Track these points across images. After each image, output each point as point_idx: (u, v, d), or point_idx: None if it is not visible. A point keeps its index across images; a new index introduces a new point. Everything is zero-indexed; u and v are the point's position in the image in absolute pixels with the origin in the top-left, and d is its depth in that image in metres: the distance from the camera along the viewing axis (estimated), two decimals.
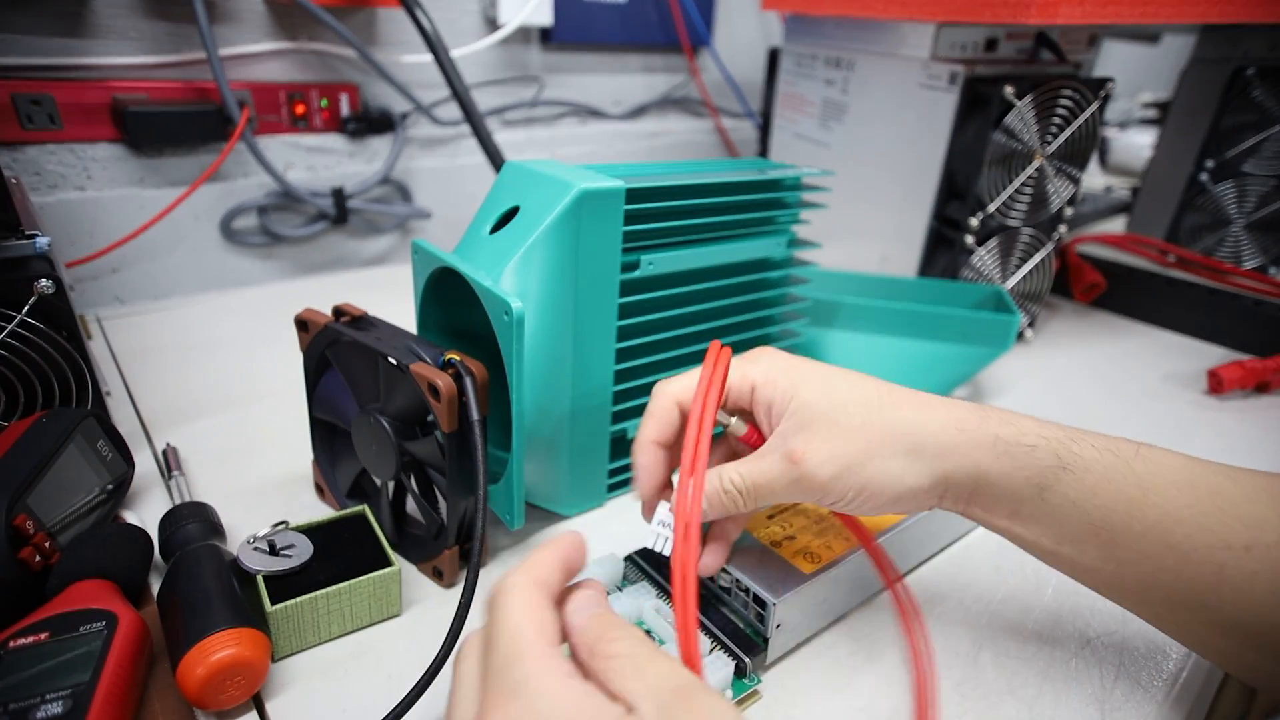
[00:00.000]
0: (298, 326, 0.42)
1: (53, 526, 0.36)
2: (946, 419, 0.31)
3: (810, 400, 0.32)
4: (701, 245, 0.45)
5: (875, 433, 0.31)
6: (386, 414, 0.39)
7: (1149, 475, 0.30)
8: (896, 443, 0.31)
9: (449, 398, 0.35)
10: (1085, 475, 0.30)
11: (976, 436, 0.31)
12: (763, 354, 0.35)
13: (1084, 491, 0.30)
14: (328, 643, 0.36)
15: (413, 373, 0.36)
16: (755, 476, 0.32)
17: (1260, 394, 0.66)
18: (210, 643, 0.30)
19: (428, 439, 0.38)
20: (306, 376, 0.43)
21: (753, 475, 0.32)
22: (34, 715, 0.27)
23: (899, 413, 0.31)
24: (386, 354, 0.37)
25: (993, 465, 0.31)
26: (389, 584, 0.37)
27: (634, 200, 0.40)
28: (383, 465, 0.40)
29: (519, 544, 0.44)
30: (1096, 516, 0.30)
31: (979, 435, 0.31)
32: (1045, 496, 0.31)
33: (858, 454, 0.31)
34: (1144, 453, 0.31)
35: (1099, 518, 0.30)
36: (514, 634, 0.24)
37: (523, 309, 0.36)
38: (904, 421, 0.31)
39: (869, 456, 0.31)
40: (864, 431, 0.31)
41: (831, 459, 0.31)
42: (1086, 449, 0.31)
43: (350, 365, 0.41)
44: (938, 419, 0.31)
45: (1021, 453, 0.31)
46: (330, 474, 0.45)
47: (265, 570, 0.35)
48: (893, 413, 0.31)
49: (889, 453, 0.31)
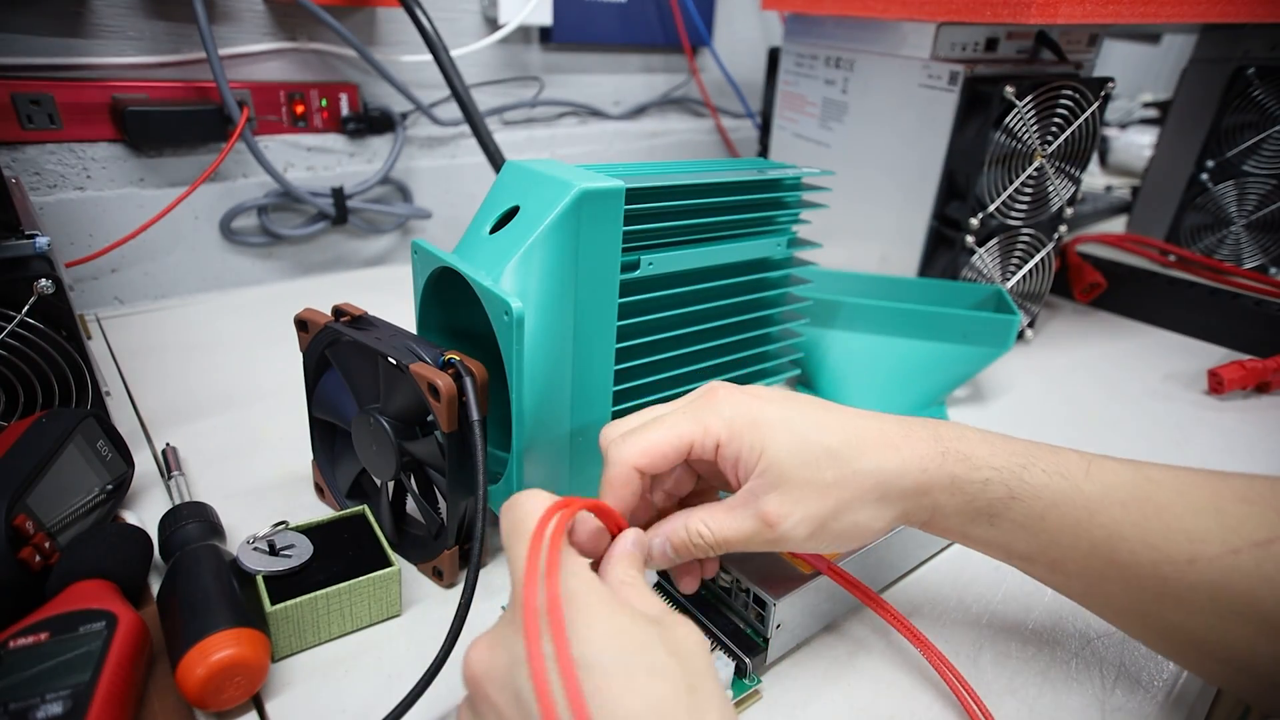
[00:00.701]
0: (297, 326, 0.42)
1: (52, 527, 0.36)
2: (910, 460, 0.32)
3: (779, 458, 0.31)
4: (701, 245, 0.45)
5: (847, 489, 0.31)
6: (386, 414, 0.39)
7: (1096, 495, 0.31)
8: (867, 494, 0.31)
9: (449, 398, 0.35)
10: (1034, 502, 0.31)
11: (936, 477, 0.32)
12: (722, 400, 0.33)
13: (1032, 517, 0.31)
14: (328, 643, 0.36)
15: (412, 373, 0.36)
16: (727, 532, 0.32)
17: (1260, 394, 0.66)
18: (210, 643, 0.30)
19: (428, 439, 0.38)
20: (306, 376, 0.43)
21: (724, 530, 0.32)
22: (34, 715, 0.27)
23: (867, 461, 0.31)
24: (386, 354, 0.37)
25: (948, 501, 0.32)
26: (389, 584, 0.37)
27: (634, 200, 0.40)
28: (383, 465, 0.40)
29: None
30: (1044, 539, 0.31)
31: (938, 476, 0.32)
32: (995, 523, 0.32)
33: (831, 511, 0.31)
34: (1094, 471, 0.31)
35: (1046, 540, 0.31)
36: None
37: (523, 309, 0.36)
38: (872, 470, 0.31)
39: (841, 511, 0.31)
40: (836, 488, 0.31)
41: (806, 519, 0.31)
42: (1037, 475, 0.31)
43: (350, 365, 0.41)
44: (902, 460, 0.31)
45: (975, 489, 0.31)
46: (330, 474, 0.45)
47: (265, 570, 0.35)
48: (861, 462, 0.31)
49: (859, 504, 0.31)
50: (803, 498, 0.31)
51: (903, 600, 0.41)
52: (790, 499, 0.31)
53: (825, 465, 0.31)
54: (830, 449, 0.31)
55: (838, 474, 0.31)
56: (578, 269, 0.39)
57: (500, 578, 0.41)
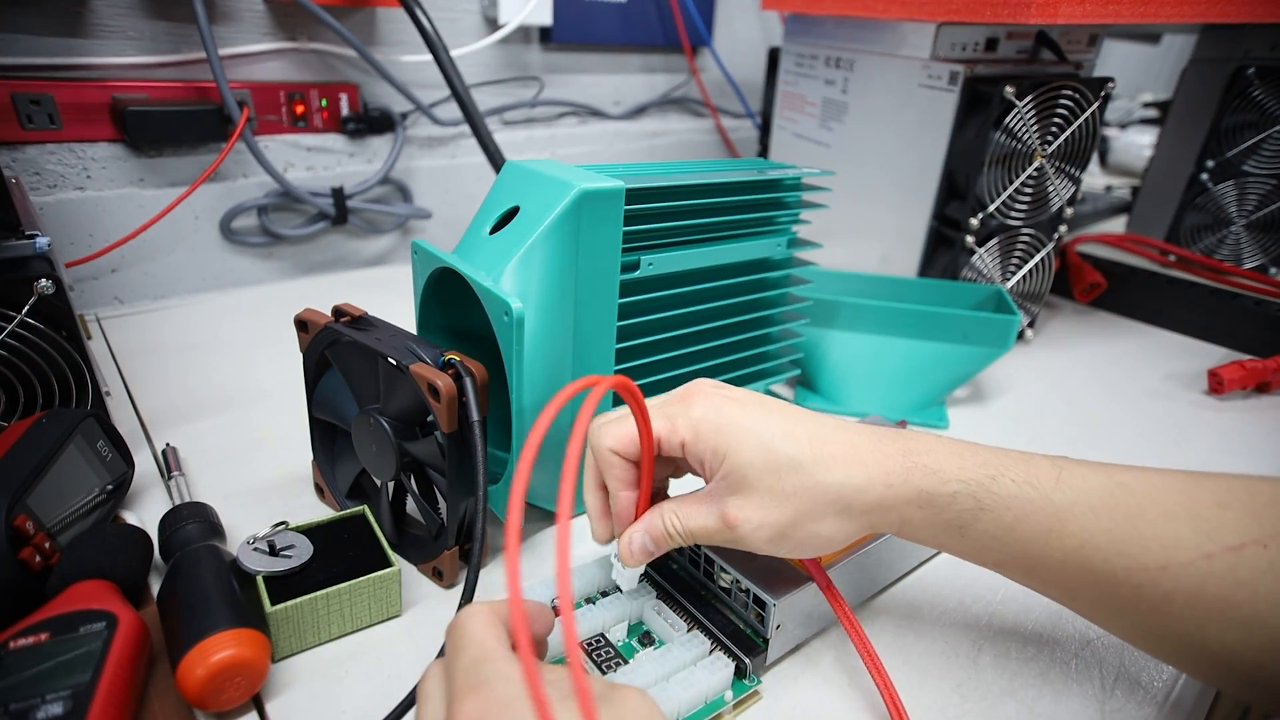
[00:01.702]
0: (297, 327, 0.42)
1: (53, 527, 0.36)
2: (874, 474, 0.32)
3: (742, 463, 0.31)
4: (701, 245, 0.45)
5: (807, 499, 0.31)
6: (386, 414, 0.39)
7: (1067, 504, 0.31)
8: (828, 506, 0.31)
9: (449, 398, 0.35)
10: (1004, 513, 0.31)
11: (902, 492, 0.32)
12: (695, 398, 0.34)
13: (1002, 528, 0.31)
14: (328, 643, 0.36)
15: (412, 373, 0.36)
16: (693, 526, 0.33)
17: (1260, 394, 0.66)
18: (210, 643, 0.30)
19: (428, 439, 0.38)
20: (306, 377, 0.43)
21: (690, 524, 0.33)
22: (34, 715, 0.27)
23: (830, 474, 0.31)
24: (386, 354, 0.37)
25: (916, 515, 0.32)
26: (389, 584, 0.37)
27: (634, 200, 0.40)
28: (383, 466, 0.40)
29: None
30: (1015, 549, 0.31)
31: (904, 490, 0.32)
32: (965, 534, 0.32)
33: (790, 519, 0.31)
34: (1064, 479, 0.31)
35: (1018, 549, 0.31)
36: (480, 640, 0.26)
37: (523, 309, 0.36)
38: (835, 484, 0.31)
39: (801, 520, 0.31)
40: (796, 498, 0.31)
41: (764, 525, 0.31)
42: (1006, 485, 0.31)
43: (350, 365, 0.41)
44: (867, 475, 0.32)
45: (943, 501, 0.31)
46: (330, 474, 0.45)
47: (265, 571, 0.35)
48: (824, 475, 0.31)
49: (820, 515, 0.32)
50: (762, 504, 0.31)
51: (901, 602, 0.41)
52: (750, 504, 0.31)
53: (787, 475, 0.31)
54: (794, 460, 0.31)
55: (799, 484, 0.31)
56: (578, 269, 0.39)
57: (501, 577, 0.41)
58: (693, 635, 0.35)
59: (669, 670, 0.33)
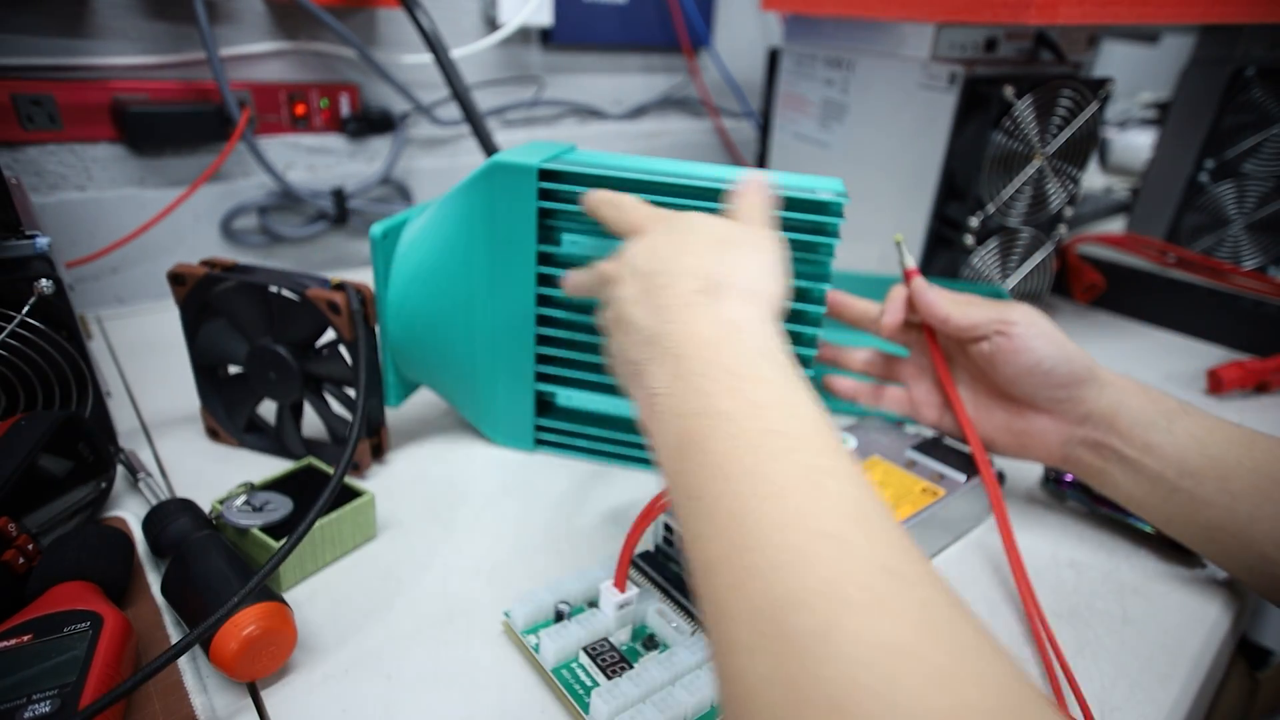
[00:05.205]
0: (172, 281, 0.45)
1: (35, 529, 0.36)
2: (1114, 374, 0.42)
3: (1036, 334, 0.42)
4: None
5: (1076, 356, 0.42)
6: (282, 342, 0.44)
7: (1250, 429, 0.38)
8: (1084, 371, 0.41)
9: (347, 311, 0.41)
10: (1203, 418, 0.38)
11: (1127, 384, 0.41)
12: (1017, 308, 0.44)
13: (1204, 428, 0.38)
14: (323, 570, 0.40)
15: (310, 296, 0.42)
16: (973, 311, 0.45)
17: (1260, 394, 0.66)
18: (242, 617, 0.31)
19: (323, 357, 0.45)
20: (186, 328, 0.46)
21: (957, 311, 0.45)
22: (21, 716, 0.27)
23: (1089, 359, 0.42)
24: (281, 287, 0.43)
25: (1132, 400, 0.40)
26: (366, 509, 0.42)
27: (557, 180, 0.43)
28: (286, 390, 0.46)
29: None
30: (1214, 451, 0.37)
31: (1129, 384, 0.41)
32: (1172, 429, 0.38)
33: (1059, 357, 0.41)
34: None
35: (1216, 452, 0.37)
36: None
37: (378, 232, 0.46)
38: (1091, 362, 0.42)
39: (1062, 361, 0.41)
40: (1067, 347, 0.42)
41: (1043, 334, 0.42)
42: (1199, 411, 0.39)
43: (236, 307, 0.45)
44: (1110, 373, 0.42)
45: (1156, 393, 0.40)
46: (224, 415, 0.49)
47: (258, 524, 0.38)
48: (1086, 358, 0.42)
49: (1080, 369, 0.41)
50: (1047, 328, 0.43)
51: None
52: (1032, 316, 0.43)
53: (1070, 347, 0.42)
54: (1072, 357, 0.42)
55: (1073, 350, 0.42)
56: (494, 232, 0.44)
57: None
58: (697, 638, 0.35)
59: (674, 674, 0.33)
